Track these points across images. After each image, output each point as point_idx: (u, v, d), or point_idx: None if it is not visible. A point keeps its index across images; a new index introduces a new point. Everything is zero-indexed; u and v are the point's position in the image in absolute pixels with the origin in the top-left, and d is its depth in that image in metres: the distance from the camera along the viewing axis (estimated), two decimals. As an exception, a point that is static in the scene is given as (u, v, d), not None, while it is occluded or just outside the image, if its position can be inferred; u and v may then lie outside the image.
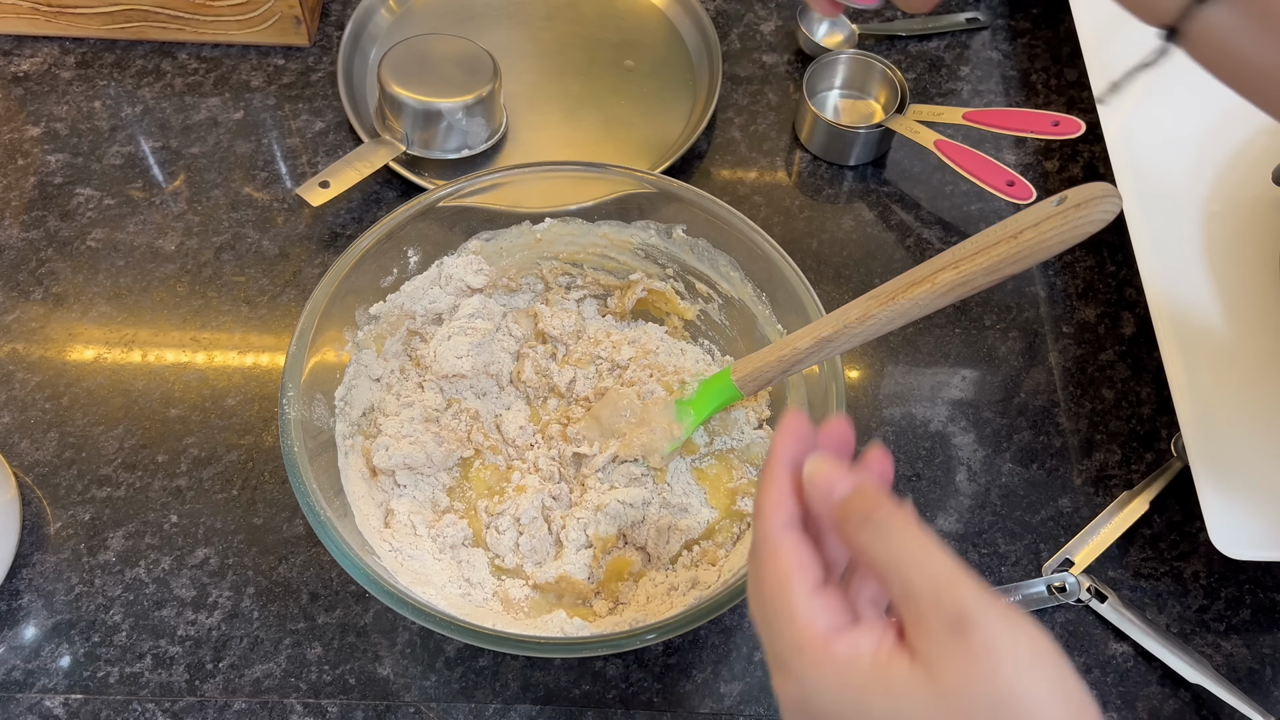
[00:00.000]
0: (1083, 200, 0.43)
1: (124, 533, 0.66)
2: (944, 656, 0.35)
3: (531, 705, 0.61)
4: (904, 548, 0.37)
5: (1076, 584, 0.65)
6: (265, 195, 0.80)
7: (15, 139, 0.82)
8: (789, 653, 0.38)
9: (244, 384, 0.72)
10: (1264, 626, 0.65)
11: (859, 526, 0.38)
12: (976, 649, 0.35)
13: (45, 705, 0.61)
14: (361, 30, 0.88)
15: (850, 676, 0.37)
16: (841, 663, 0.37)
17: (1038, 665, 0.35)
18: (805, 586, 0.39)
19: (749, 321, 0.68)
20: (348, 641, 0.63)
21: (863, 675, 0.37)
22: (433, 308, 0.69)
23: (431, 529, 0.63)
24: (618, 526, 0.63)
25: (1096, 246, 0.80)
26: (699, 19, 0.89)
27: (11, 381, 0.71)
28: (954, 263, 0.47)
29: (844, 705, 0.37)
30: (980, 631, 0.35)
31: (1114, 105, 0.77)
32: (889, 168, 0.84)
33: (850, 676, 0.37)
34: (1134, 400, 0.73)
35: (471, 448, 0.66)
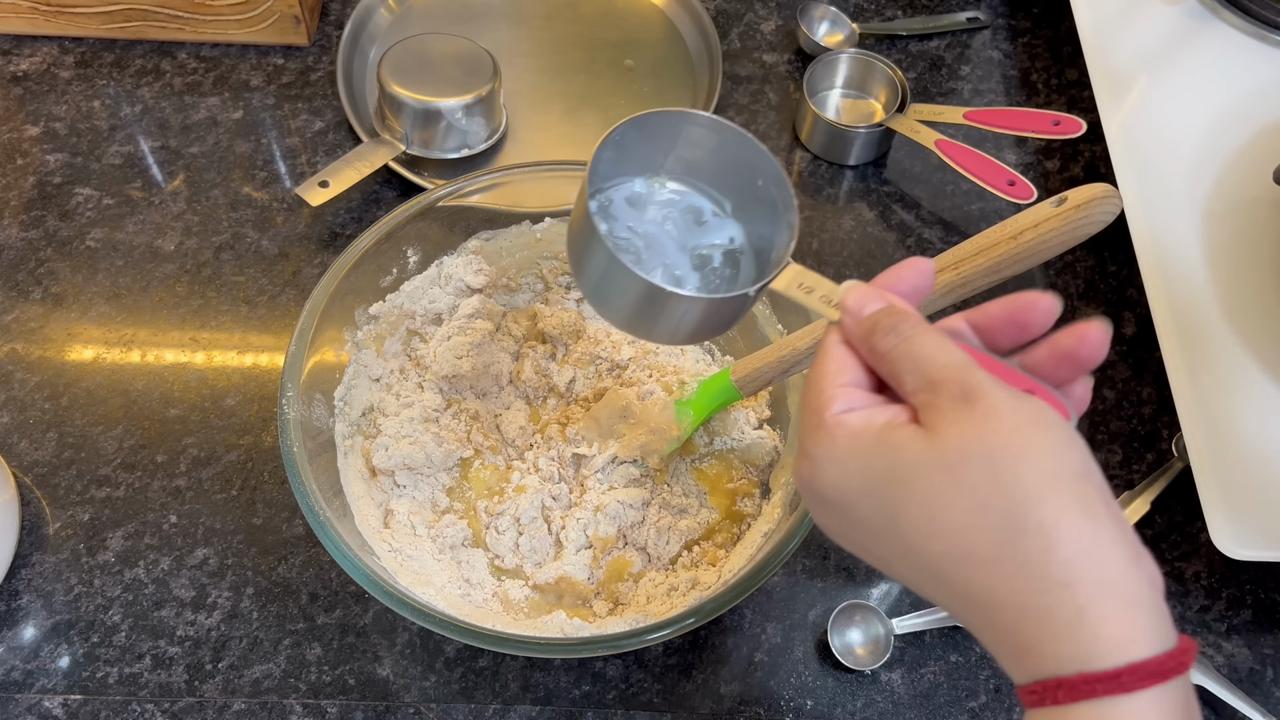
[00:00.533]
0: (1083, 201, 0.43)
1: (123, 533, 0.66)
2: (948, 420, 0.36)
3: (531, 706, 0.61)
4: (922, 346, 0.39)
5: (1077, 584, 0.65)
6: (264, 195, 0.80)
7: (14, 138, 0.82)
8: (808, 434, 0.40)
9: (243, 384, 0.72)
10: (1265, 627, 0.65)
11: (884, 335, 0.40)
12: (979, 413, 0.36)
13: (44, 706, 0.60)
14: (361, 30, 0.88)
15: (858, 443, 0.38)
16: (852, 430, 0.39)
17: (1040, 430, 0.36)
18: (838, 380, 0.41)
19: (749, 322, 0.67)
20: (347, 642, 0.63)
21: (869, 439, 0.38)
22: (432, 308, 0.69)
23: (431, 529, 0.63)
24: (617, 527, 0.63)
25: (1097, 246, 0.80)
26: (699, 18, 0.89)
27: (11, 381, 0.71)
28: (954, 264, 0.46)
29: (848, 469, 0.38)
30: (985, 400, 0.36)
31: (1114, 105, 0.77)
32: (889, 167, 0.84)
33: (858, 443, 0.38)
34: (1135, 400, 0.73)
35: (471, 448, 0.66)
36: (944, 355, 0.38)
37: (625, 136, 0.51)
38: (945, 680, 0.63)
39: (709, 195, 0.56)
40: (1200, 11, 0.82)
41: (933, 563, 0.36)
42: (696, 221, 0.56)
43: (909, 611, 0.64)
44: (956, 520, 0.35)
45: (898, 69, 0.83)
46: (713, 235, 0.55)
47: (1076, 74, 0.89)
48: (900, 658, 0.63)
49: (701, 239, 0.55)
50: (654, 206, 0.55)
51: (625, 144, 0.52)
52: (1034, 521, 0.34)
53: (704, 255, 0.55)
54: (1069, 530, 0.34)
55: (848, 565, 0.67)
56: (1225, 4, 0.81)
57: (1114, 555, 0.35)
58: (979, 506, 0.35)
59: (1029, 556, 0.34)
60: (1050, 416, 0.37)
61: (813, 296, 0.46)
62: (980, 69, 0.90)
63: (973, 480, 0.35)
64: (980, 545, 0.35)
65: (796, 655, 0.63)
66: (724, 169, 0.54)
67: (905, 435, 0.37)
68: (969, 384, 0.37)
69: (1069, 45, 0.91)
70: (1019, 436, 0.35)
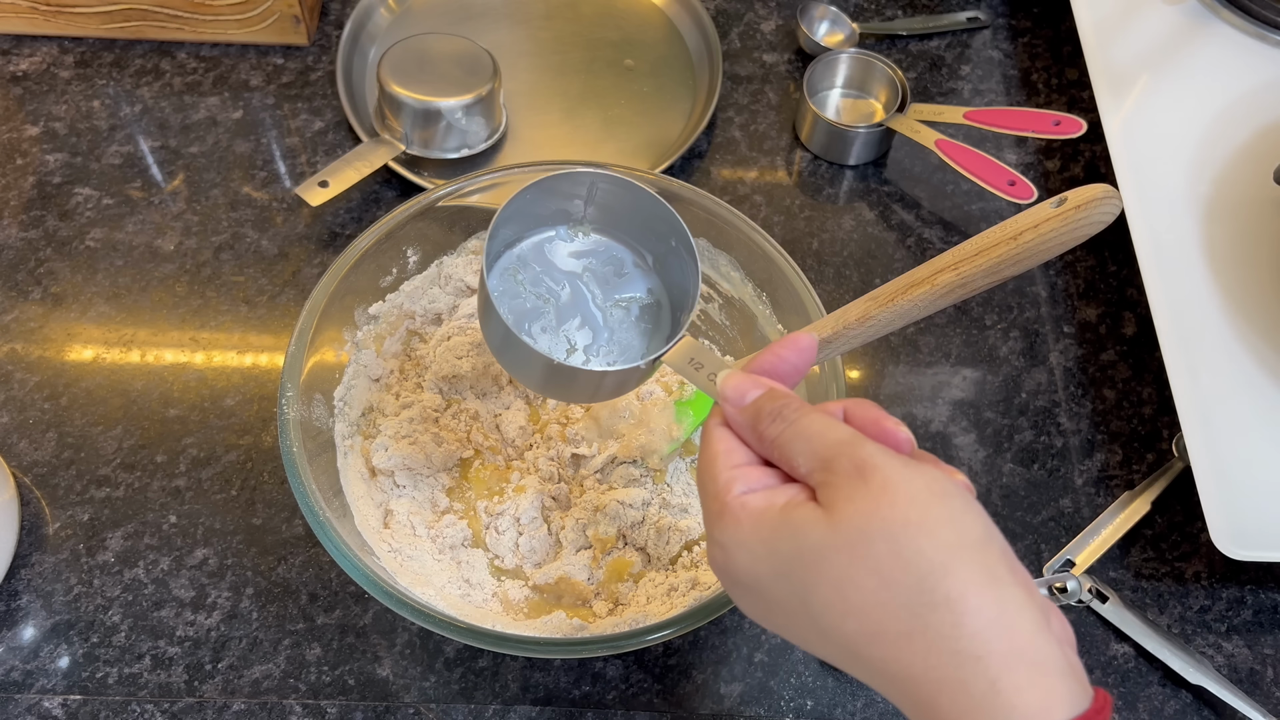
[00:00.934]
0: (1083, 202, 0.43)
1: (123, 533, 0.66)
2: (845, 497, 0.37)
3: (531, 706, 0.61)
4: (809, 426, 0.40)
5: (1078, 584, 0.65)
6: (264, 195, 0.80)
7: (14, 138, 0.82)
8: (713, 520, 0.41)
9: (243, 384, 0.72)
10: (1265, 627, 0.65)
11: (769, 422, 0.41)
12: (875, 488, 0.36)
13: (44, 706, 0.60)
14: (361, 29, 0.88)
15: (762, 526, 0.39)
16: (755, 513, 0.39)
17: (936, 500, 0.36)
18: (730, 461, 0.42)
19: (749, 321, 0.67)
20: (347, 642, 0.63)
21: (773, 522, 0.38)
22: (432, 308, 0.69)
23: (431, 529, 0.63)
24: (617, 527, 0.63)
25: (1098, 246, 0.80)
26: (699, 18, 0.89)
27: (10, 381, 0.71)
28: (954, 264, 0.46)
29: (757, 554, 0.39)
30: (879, 473, 0.37)
31: (1114, 105, 0.77)
32: (890, 167, 0.84)
33: (762, 526, 0.39)
34: (1135, 400, 0.73)
35: (471, 448, 0.66)
36: (832, 432, 0.39)
37: (537, 198, 0.53)
38: (945, 680, 0.63)
39: (631, 247, 0.57)
40: (1200, 11, 0.82)
41: (849, 641, 0.37)
42: (617, 273, 0.57)
43: (909, 612, 0.64)
44: (866, 599, 0.36)
45: (898, 69, 0.83)
46: (632, 287, 0.57)
47: (1076, 74, 0.89)
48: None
49: (621, 291, 0.57)
50: (574, 255, 0.57)
51: (540, 202, 0.54)
52: (940, 595, 0.35)
53: (623, 307, 0.57)
54: (975, 601, 0.34)
55: (848, 565, 0.67)
56: (1225, 4, 0.81)
57: (1022, 621, 0.35)
58: (886, 584, 0.35)
59: (939, 631, 0.35)
60: (945, 484, 0.37)
61: (701, 373, 0.47)
62: (980, 69, 0.90)
63: (877, 558, 0.35)
64: (891, 622, 0.35)
65: (796, 655, 0.63)
66: (641, 224, 0.55)
67: (806, 516, 0.38)
68: (861, 458, 0.37)
69: (1069, 45, 0.91)
70: (916, 509, 0.36)
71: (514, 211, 0.53)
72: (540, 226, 0.56)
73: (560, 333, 0.55)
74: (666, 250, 0.55)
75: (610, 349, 0.56)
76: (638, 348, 0.56)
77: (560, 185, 0.54)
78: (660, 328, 0.56)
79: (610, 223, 0.56)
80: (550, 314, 0.56)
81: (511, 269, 0.56)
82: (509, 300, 0.55)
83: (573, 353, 0.55)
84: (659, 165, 0.80)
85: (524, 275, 0.56)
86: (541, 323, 0.55)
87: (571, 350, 0.55)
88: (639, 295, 0.56)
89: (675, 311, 0.56)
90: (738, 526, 0.39)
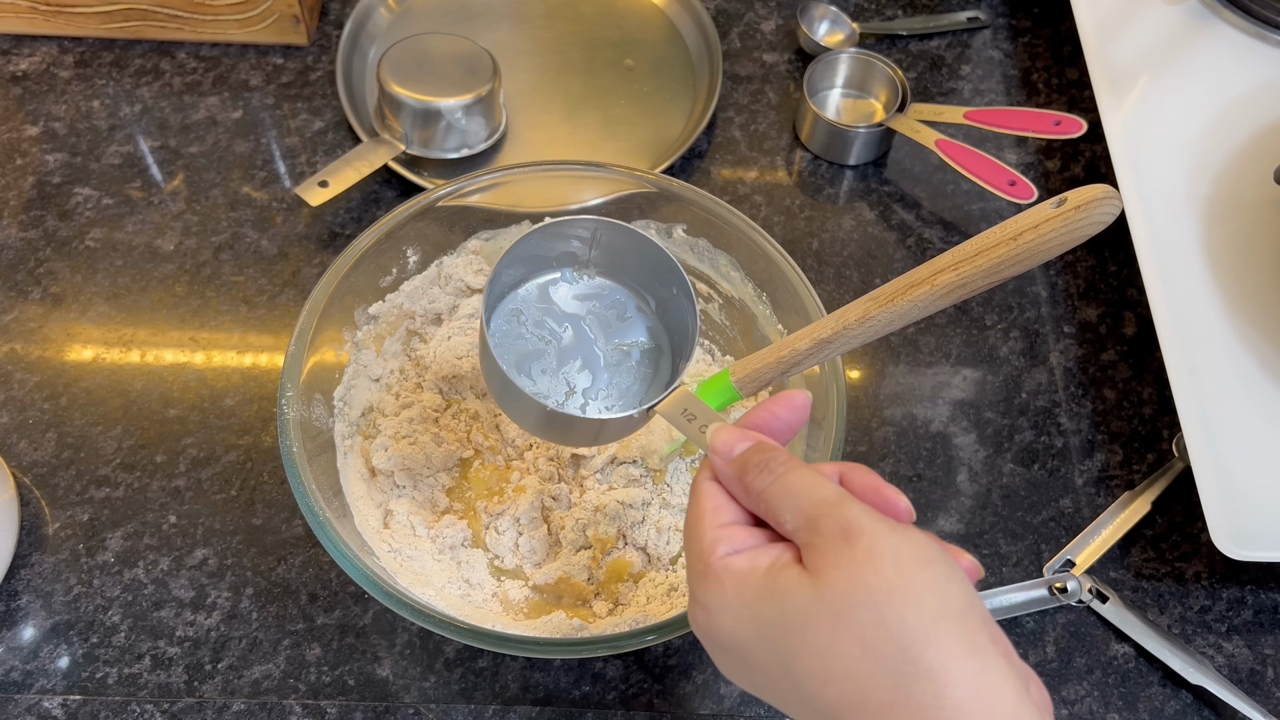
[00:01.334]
0: (1082, 202, 0.43)
1: (122, 533, 0.66)
2: (830, 563, 0.37)
3: (531, 706, 0.61)
4: (796, 482, 0.40)
5: (1078, 585, 0.65)
6: (264, 195, 0.80)
7: (13, 138, 0.82)
8: (696, 580, 0.41)
9: (243, 384, 0.72)
10: (1265, 627, 0.65)
11: (756, 474, 0.41)
12: (860, 553, 0.36)
13: (44, 706, 0.60)
14: (360, 29, 0.88)
15: (746, 590, 0.39)
16: (738, 576, 0.39)
17: (921, 567, 0.36)
18: (717, 520, 0.41)
19: (749, 321, 0.67)
20: (347, 642, 0.63)
21: (757, 585, 0.38)
22: (432, 308, 0.69)
23: (431, 529, 0.63)
24: (617, 527, 0.63)
25: (1098, 246, 0.80)
26: (699, 18, 0.89)
27: (10, 382, 0.71)
28: (953, 264, 0.46)
29: (740, 618, 0.39)
30: (865, 538, 0.37)
31: (1114, 105, 0.77)
32: (890, 167, 0.84)
33: (746, 590, 0.39)
34: (1135, 400, 0.73)
35: (471, 448, 0.66)
36: (819, 490, 0.39)
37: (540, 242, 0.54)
38: (945, 681, 0.63)
39: (635, 291, 0.58)
40: (1200, 11, 0.82)
41: (831, 709, 0.37)
42: (619, 317, 0.58)
43: (909, 612, 0.64)
44: (849, 668, 0.36)
45: (898, 69, 0.83)
46: (633, 332, 0.57)
47: (1077, 74, 0.89)
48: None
49: (623, 335, 0.57)
50: (578, 298, 0.57)
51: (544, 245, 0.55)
52: (923, 666, 0.35)
53: (624, 351, 0.57)
54: (958, 672, 0.35)
55: (848, 565, 0.67)
56: (1225, 4, 0.81)
57: (1003, 692, 0.35)
58: (869, 653, 0.35)
59: (922, 701, 0.35)
60: (930, 550, 0.37)
61: (694, 424, 0.47)
62: (980, 69, 0.90)
63: (861, 626, 0.36)
64: (874, 692, 0.35)
65: (796, 656, 0.63)
66: (644, 269, 0.56)
67: (791, 580, 0.37)
68: (847, 519, 0.37)
69: (1069, 45, 0.91)
70: (902, 576, 0.36)
71: (516, 257, 0.54)
72: (545, 269, 0.57)
73: (560, 375, 0.56)
74: (669, 296, 0.56)
75: (610, 392, 0.57)
76: (636, 392, 0.56)
77: (563, 230, 0.54)
78: (660, 373, 0.56)
79: (614, 266, 0.57)
80: (551, 356, 0.57)
81: (515, 310, 0.57)
82: (511, 341, 0.56)
83: (571, 395, 0.56)
84: (659, 165, 0.80)
85: (526, 316, 0.57)
86: (542, 364, 0.56)
87: (570, 393, 0.56)
88: (641, 340, 0.57)
89: (675, 358, 0.56)
90: (720, 589, 0.39)
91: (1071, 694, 0.63)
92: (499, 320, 0.56)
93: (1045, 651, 0.64)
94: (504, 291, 0.56)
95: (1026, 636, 0.64)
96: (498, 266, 0.52)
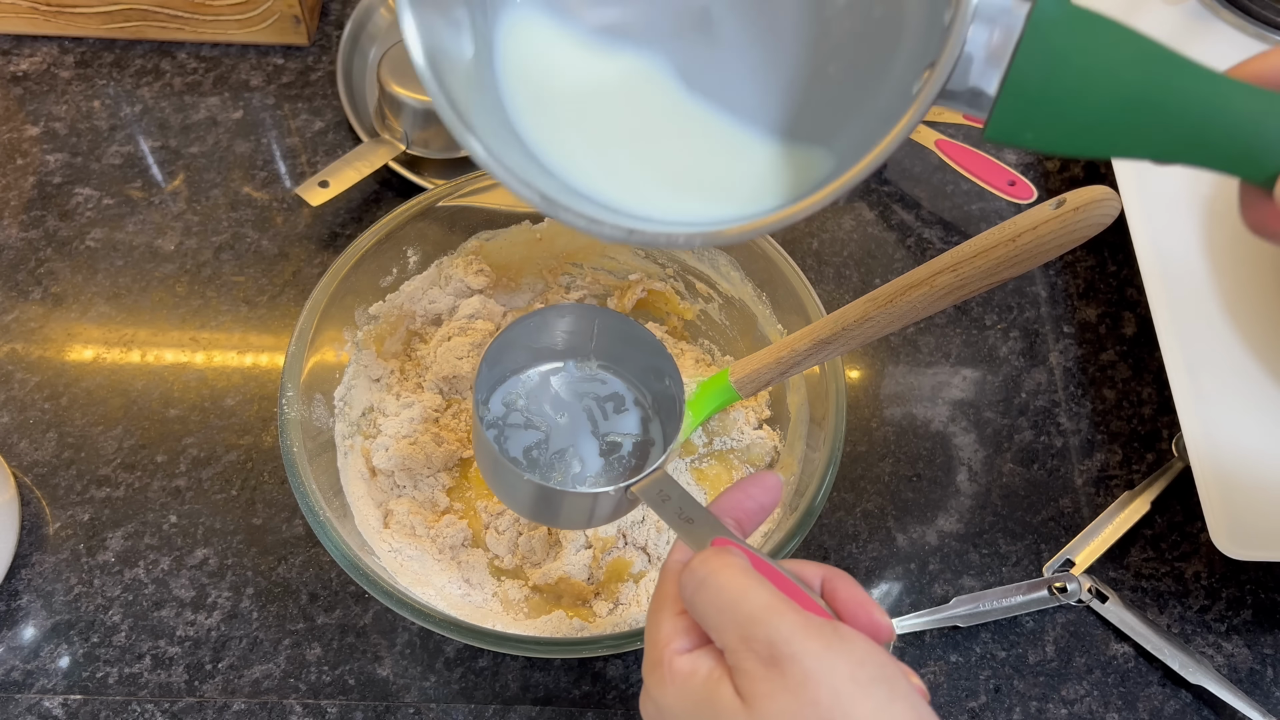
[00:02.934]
0: (1081, 204, 0.43)
1: (123, 533, 0.66)
2: (763, 693, 0.35)
3: (531, 706, 0.61)
4: (722, 594, 0.37)
5: (1078, 585, 0.65)
6: (264, 195, 0.80)
7: (14, 138, 0.82)
8: (648, 670, 0.40)
9: (243, 384, 0.72)
10: (1265, 627, 0.65)
11: (695, 590, 0.39)
12: (793, 682, 0.35)
13: (44, 706, 0.61)
14: (361, 29, 0.88)
15: (685, 695, 0.38)
16: (680, 678, 0.38)
17: (860, 691, 0.35)
18: (677, 607, 0.40)
19: (749, 321, 0.68)
20: (347, 642, 0.63)
21: (694, 692, 0.37)
22: (432, 308, 0.69)
23: (431, 529, 0.63)
24: (617, 526, 0.63)
25: (1098, 246, 0.80)
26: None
27: (10, 382, 0.71)
28: (952, 265, 0.46)
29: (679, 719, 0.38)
30: (796, 664, 0.35)
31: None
32: (889, 167, 0.84)
33: (685, 695, 0.38)
34: (1135, 400, 0.73)
35: (471, 448, 0.66)
36: (747, 601, 0.37)
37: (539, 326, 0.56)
38: (945, 680, 0.63)
39: (634, 385, 0.59)
40: (1200, 11, 0.82)
41: None
42: (617, 409, 0.59)
43: (909, 611, 0.64)
44: None
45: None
46: (627, 424, 0.59)
47: (1077, 73, 0.89)
48: (900, 658, 0.63)
49: (617, 426, 0.58)
50: (576, 386, 0.59)
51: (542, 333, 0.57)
52: None
53: (614, 442, 0.58)
54: None
55: (848, 565, 0.67)
56: (1225, 4, 0.81)
57: None
58: None
59: None
60: (869, 669, 0.35)
61: (669, 505, 0.47)
62: (980, 68, 0.90)
63: None
64: None
65: (796, 655, 0.63)
66: (640, 361, 0.58)
67: (725, 702, 0.36)
68: (775, 643, 0.35)
69: (1069, 45, 0.91)
70: (840, 706, 0.34)
71: (510, 341, 0.55)
72: (548, 359, 0.58)
73: (551, 459, 0.57)
74: (661, 389, 0.57)
75: (599, 482, 0.57)
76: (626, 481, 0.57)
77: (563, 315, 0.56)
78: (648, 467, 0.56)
79: (615, 357, 0.58)
80: (545, 442, 0.58)
81: (514, 396, 0.58)
82: (506, 426, 0.57)
83: (562, 480, 0.57)
84: (659, 165, 0.80)
85: (524, 402, 0.58)
86: (536, 450, 0.57)
87: (561, 479, 0.57)
88: (633, 432, 0.58)
89: (666, 443, 0.57)
90: (663, 687, 0.39)
91: (1071, 694, 0.63)
92: (495, 402, 0.58)
93: (1045, 651, 0.64)
94: (504, 375, 0.58)
95: (1026, 636, 0.64)
96: (491, 349, 0.54)
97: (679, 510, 0.46)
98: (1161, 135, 0.34)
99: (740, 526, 0.45)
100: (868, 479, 0.70)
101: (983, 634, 0.64)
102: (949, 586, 0.66)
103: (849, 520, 0.68)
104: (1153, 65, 0.33)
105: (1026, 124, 0.34)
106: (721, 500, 0.45)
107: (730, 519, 0.44)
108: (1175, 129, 0.33)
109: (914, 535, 0.68)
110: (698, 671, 0.38)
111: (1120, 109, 0.33)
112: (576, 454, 0.57)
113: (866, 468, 0.70)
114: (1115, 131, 0.34)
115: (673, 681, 0.38)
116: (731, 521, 0.44)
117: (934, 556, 0.67)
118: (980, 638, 0.64)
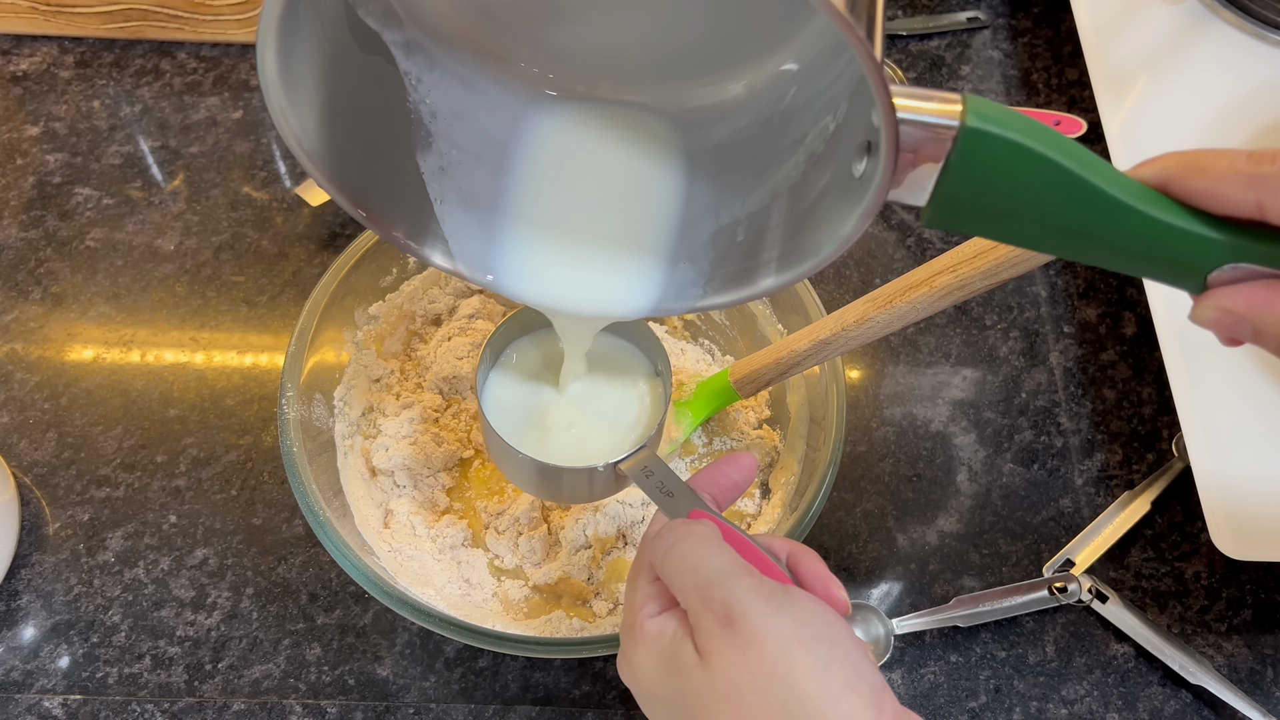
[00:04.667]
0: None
1: (123, 533, 0.66)
2: (717, 649, 0.38)
3: (531, 706, 0.61)
4: (685, 559, 0.40)
5: (1078, 585, 0.65)
6: (264, 195, 0.80)
7: (14, 138, 0.82)
8: (624, 633, 0.43)
9: (243, 384, 0.72)
10: (1265, 627, 0.65)
11: (664, 555, 0.42)
12: (743, 640, 0.37)
13: (44, 706, 0.61)
14: (361, 29, 0.88)
15: (654, 655, 0.41)
16: (650, 639, 0.41)
17: (803, 649, 0.37)
18: (648, 576, 0.43)
19: (749, 321, 0.67)
20: (347, 642, 0.63)
21: (663, 652, 0.40)
22: (432, 308, 0.69)
23: (431, 529, 0.63)
24: (617, 527, 0.63)
25: (1097, 246, 0.80)
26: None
27: (10, 381, 0.71)
28: (952, 266, 0.46)
29: (652, 680, 0.41)
30: (746, 623, 0.38)
31: (1114, 105, 0.77)
32: (889, 167, 0.84)
33: (654, 655, 0.41)
34: (1135, 400, 0.73)
35: (471, 448, 0.66)
36: (706, 565, 0.40)
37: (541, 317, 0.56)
38: (945, 680, 0.63)
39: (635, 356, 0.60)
40: (1200, 11, 0.82)
41: None
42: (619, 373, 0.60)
43: (909, 611, 0.64)
44: None
45: (898, 68, 0.83)
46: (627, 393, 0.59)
47: (1076, 74, 0.89)
48: (900, 658, 0.64)
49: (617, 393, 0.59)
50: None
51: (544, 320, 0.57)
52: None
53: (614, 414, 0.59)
54: None
55: (847, 565, 0.67)
56: (1225, 4, 0.81)
57: None
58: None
59: None
60: (814, 628, 0.38)
61: (651, 480, 0.49)
62: (980, 69, 0.90)
63: (750, 710, 0.37)
64: None
65: (796, 655, 0.63)
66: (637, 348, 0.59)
67: (686, 658, 0.39)
68: (729, 604, 0.38)
69: (1069, 45, 0.91)
70: (783, 661, 0.37)
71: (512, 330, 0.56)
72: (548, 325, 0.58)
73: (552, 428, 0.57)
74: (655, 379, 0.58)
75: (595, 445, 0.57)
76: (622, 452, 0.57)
77: None
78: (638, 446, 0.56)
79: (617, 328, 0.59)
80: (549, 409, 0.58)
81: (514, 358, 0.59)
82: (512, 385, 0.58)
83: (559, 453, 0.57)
84: (659, 165, 0.80)
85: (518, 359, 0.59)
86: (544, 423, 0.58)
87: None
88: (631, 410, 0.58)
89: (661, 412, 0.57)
90: (635, 648, 0.41)
91: (1071, 694, 0.63)
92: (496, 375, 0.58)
93: (1045, 651, 0.64)
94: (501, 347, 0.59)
95: (1026, 636, 0.64)
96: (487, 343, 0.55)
97: (660, 484, 0.48)
98: (1094, 256, 0.36)
99: (716, 501, 0.47)
100: (868, 479, 0.70)
101: (983, 634, 0.64)
102: (949, 586, 0.66)
103: (849, 520, 0.68)
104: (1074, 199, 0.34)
105: (962, 224, 0.36)
106: (699, 477, 0.48)
107: (707, 494, 0.47)
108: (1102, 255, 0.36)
109: (914, 535, 0.68)
110: (665, 632, 0.40)
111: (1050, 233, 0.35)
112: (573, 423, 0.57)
113: (866, 468, 0.70)
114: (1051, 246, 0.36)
115: (643, 642, 0.41)
116: (709, 496, 0.47)
117: (934, 556, 0.67)
118: (980, 638, 0.64)
